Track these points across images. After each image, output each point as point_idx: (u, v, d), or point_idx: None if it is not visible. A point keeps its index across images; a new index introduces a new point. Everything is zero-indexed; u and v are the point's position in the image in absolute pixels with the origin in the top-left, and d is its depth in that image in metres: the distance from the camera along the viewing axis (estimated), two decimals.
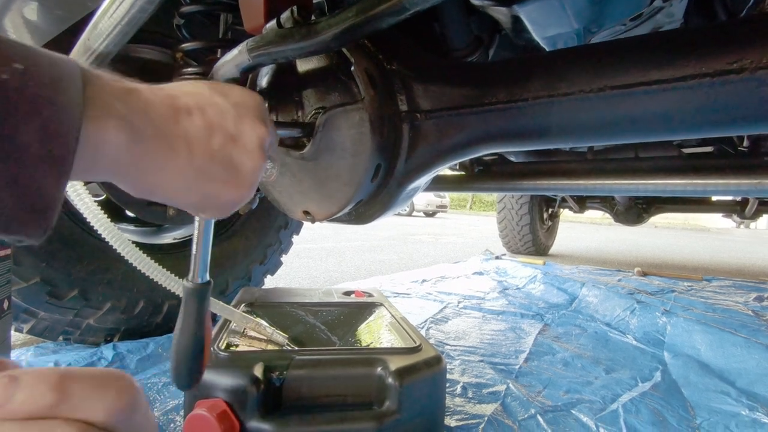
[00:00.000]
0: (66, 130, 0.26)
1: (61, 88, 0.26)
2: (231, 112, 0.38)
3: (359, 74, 0.56)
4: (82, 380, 0.21)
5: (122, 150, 0.31)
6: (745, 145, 1.22)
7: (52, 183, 0.26)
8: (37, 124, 0.25)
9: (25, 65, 0.25)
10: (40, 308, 1.03)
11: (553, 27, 0.69)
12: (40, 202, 0.26)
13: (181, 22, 0.81)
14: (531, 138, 0.57)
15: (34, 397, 0.19)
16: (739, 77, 0.38)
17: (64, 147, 0.26)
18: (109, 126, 0.30)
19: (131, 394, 0.22)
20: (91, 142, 0.29)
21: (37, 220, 0.26)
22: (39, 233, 0.27)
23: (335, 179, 0.63)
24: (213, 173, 0.37)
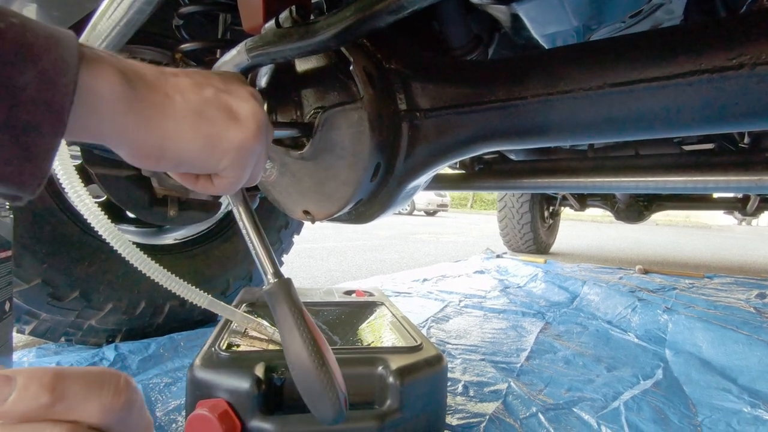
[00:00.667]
0: (63, 75, 0.27)
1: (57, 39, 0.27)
2: (217, 77, 0.40)
3: (358, 73, 0.56)
4: (76, 380, 0.20)
5: (119, 97, 0.31)
6: (746, 141, 1.22)
7: (49, 128, 0.26)
8: (34, 70, 0.25)
9: (22, 20, 0.26)
10: (41, 309, 1.03)
11: (552, 25, 0.69)
12: (36, 147, 0.26)
13: (179, 22, 0.81)
14: (531, 136, 0.57)
15: (27, 398, 0.19)
16: (738, 73, 0.38)
17: (61, 91, 0.27)
18: (104, 73, 0.30)
19: (127, 392, 0.22)
20: (88, 90, 0.29)
21: (32, 167, 0.26)
22: (33, 183, 0.27)
23: (335, 179, 0.63)
24: (211, 115, 0.36)
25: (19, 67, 0.25)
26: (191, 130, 0.35)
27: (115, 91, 0.30)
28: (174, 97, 0.34)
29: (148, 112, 0.33)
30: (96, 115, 0.30)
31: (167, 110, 0.34)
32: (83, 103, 0.29)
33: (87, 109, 0.29)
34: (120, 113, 0.31)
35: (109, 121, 0.31)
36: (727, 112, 0.41)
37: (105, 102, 0.30)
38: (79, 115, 0.29)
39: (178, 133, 0.34)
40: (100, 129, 0.31)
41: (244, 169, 0.39)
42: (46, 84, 0.26)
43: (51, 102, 0.26)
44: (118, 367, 1.02)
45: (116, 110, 0.31)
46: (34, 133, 0.26)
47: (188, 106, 0.35)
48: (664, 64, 0.43)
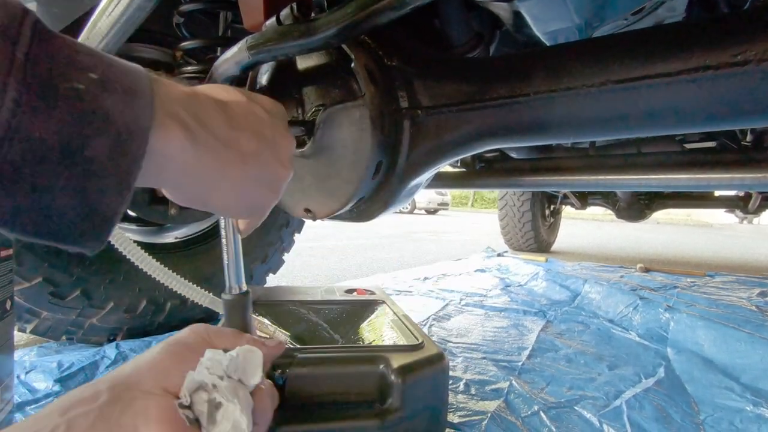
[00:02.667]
0: (135, 144, 0.26)
1: (133, 98, 0.26)
2: (267, 120, 0.39)
3: (359, 71, 0.56)
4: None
5: (183, 160, 0.31)
6: (749, 139, 1.22)
7: (115, 196, 0.26)
8: (108, 137, 0.25)
9: (100, 75, 0.25)
10: (42, 308, 1.03)
11: (554, 22, 0.69)
12: (102, 215, 0.26)
13: (180, 20, 0.81)
14: (533, 133, 0.57)
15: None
16: (743, 69, 0.38)
17: (132, 161, 0.26)
18: (174, 135, 0.30)
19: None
20: (156, 154, 0.29)
21: (96, 232, 0.27)
22: (96, 245, 0.28)
23: (336, 177, 0.62)
24: (261, 181, 0.38)
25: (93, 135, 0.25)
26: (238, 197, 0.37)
27: (181, 155, 0.31)
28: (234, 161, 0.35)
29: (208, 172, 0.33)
30: (159, 174, 0.30)
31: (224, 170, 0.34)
32: (149, 163, 0.28)
33: (152, 169, 0.29)
34: (181, 174, 0.32)
35: (170, 180, 0.32)
36: (732, 109, 0.41)
37: (170, 163, 0.30)
38: (143, 175, 0.28)
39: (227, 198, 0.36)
40: (160, 182, 0.32)
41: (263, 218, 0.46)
42: (117, 152, 0.26)
43: (119, 170, 0.26)
44: (120, 365, 1.02)
45: (178, 171, 0.31)
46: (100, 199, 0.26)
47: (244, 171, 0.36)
48: (668, 60, 0.42)
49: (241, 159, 0.35)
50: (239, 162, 0.35)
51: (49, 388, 0.88)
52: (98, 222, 0.26)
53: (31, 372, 0.93)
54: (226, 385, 0.36)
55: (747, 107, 0.40)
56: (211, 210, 0.37)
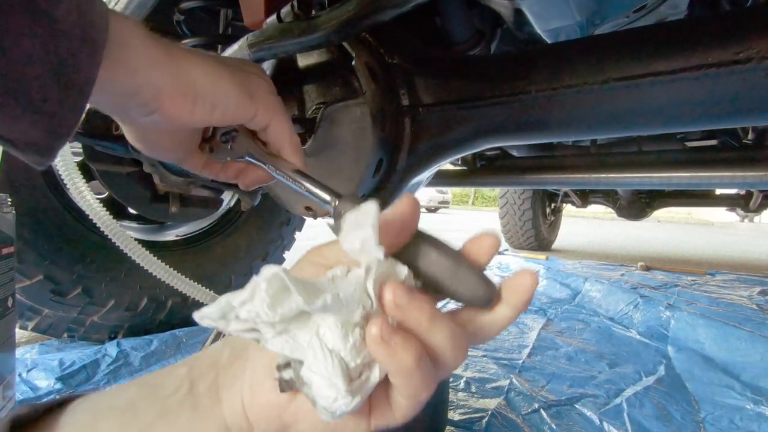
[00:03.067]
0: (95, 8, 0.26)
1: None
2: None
3: (360, 68, 0.56)
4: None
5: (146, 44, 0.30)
6: (750, 137, 1.22)
7: (87, 61, 0.26)
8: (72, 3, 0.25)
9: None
10: (44, 306, 1.03)
11: (555, 19, 0.68)
12: (76, 78, 0.26)
13: (180, 17, 0.81)
14: (534, 131, 0.57)
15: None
16: (746, 67, 0.38)
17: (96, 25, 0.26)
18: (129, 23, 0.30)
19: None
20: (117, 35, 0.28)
21: (72, 100, 0.26)
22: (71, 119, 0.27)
23: (337, 174, 0.62)
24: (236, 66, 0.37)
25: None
26: (221, 73, 0.35)
27: (142, 39, 0.30)
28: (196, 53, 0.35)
29: (177, 58, 0.32)
30: (126, 58, 0.29)
31: (195, 58, 0.34)
32: (113, 47, 0.28)
33: (116, 51, 0.29)
34: (149, 56, 0.31)
35: (140, 64, 0.30)
36: (734, 106, 0.41)
37: (133, 46, 0.30)
38: (110, 62, 0.28)
39: (211, 75, 0.34)
40: (130, 74, 0.30)
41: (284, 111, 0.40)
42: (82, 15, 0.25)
43: (87, 34, 0.26)
44: (121, 363, 1.02)
45: (145, 53, 0.30)
46: (72, 66, 0.25)
47: (213, 58, 0.35)
48: (670, 58, 0.42)
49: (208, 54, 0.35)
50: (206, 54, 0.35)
51: (51, 385, 0.89)
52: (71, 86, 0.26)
53: (32, 370, 0.93)
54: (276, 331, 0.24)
55: (749, 105, 0.40)
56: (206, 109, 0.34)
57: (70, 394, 0.30)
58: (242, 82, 0.36)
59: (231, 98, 0.35)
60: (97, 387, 0.91)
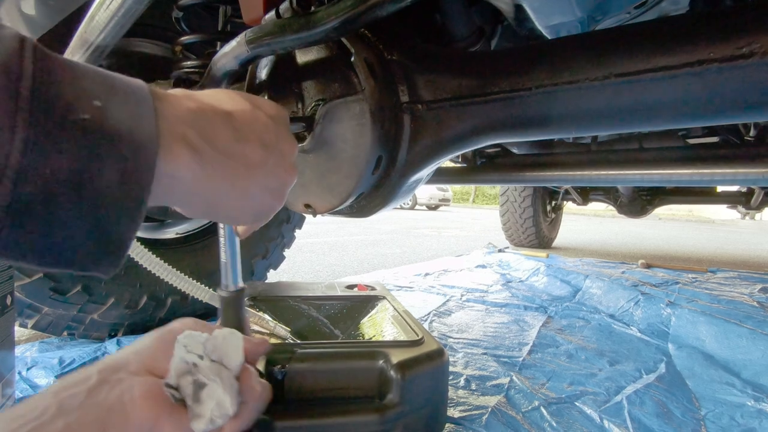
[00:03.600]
0: (142, 170, 0.26)
1: (137, 122, 0.26)
2: (272, 127, 0.39)
3: (359, 65, 0.55)
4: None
5: (193, 180, 0.31)
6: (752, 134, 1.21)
7: (127, 223, 0.27)
8: (116, 166, 0.25)
9: (104, 101, 0.25)
10: (43, 304, 1.03)
11: (556, 15, 0.68)
12: (115, 242, 0.27)
13: (179, 14, 0.80)
14: (535, 128, 0.56)
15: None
16: (748, 62, 0.37)
17: (140, 188, 0.26)
18: (182, 159, 0.30)
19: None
20: (165, 177, 0.29)
21: (111, 259, 0.27)
22: (111, 269, 0.28)
23: (336, 172, 0.62)
24: (266, 189, 0.38)
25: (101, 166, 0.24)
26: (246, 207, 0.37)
27: (189, 175, 0.31)
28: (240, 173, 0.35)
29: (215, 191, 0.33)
30: (168, 195, 0.30)
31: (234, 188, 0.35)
32: (158, 186, 0.28)
33: (161, 191, 0.29)
34: (190, 192, 0.32)
35: (179, 198, 0.32)
36: (737, 102, 0.40)
37: (178, 183, 0.30)
38: (152, 197, 0.28)
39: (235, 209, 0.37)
40: (166, 202, 0.32)
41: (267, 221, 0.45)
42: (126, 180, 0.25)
43: (130, 197, 0.26)
44: None
45: (186, 190, 0.31)
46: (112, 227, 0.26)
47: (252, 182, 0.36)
48: (671, 53, 0.42)
49: (248, 170, 0.35)
50: (246, 173, 0.35)
51: (51, 383, 0.89)
52: (112, 249, 0.27)
53: (32, 368, 0.93)
54: (207, 365, 0.38)
55: (751, 100, 0.39)
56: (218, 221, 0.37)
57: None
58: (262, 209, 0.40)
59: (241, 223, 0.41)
60: None
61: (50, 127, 0.23)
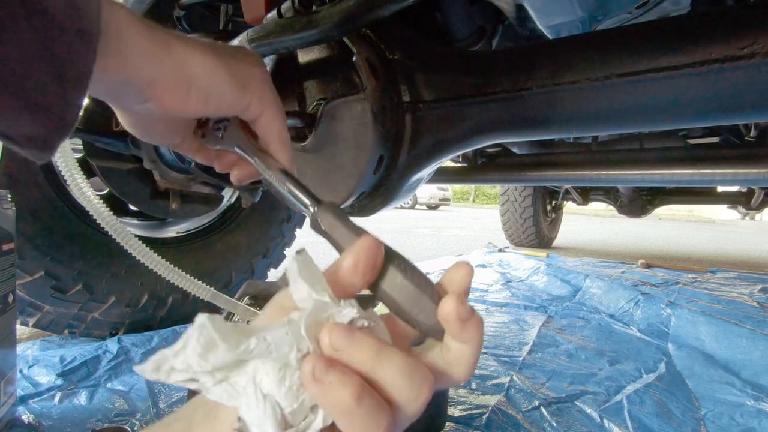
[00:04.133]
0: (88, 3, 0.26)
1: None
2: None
3: (361, 64, 0.56)
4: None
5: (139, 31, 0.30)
6: (753, 134, 1.21)
7: (81, 55, 0.26)
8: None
9: None
10: (45, 302, 1.03)
11: (557, 15, 0.68)
12: (73, 71, 0.26)
13: (180, 13, 0.80)
14: (536, 127, 0.56)
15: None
16: (750, 63, 0.37)
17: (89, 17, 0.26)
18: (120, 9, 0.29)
19: None
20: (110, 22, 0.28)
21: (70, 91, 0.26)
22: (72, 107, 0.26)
23: (337, 171, 0.62)
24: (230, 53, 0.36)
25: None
26: (216, 63, 0.34)
27: (137, 28, 0.30)
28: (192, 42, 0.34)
29: (173, 48, 0.32)
30: (120, 49, 0.29)
31: (191, 47, 0.33)
32: (108, 37, 0.28)
33: (110, 42, 0.28)
34: (143, 46, 0.30)
35: (134, 54, 0.30)
36: (738, 102, 0.40)
37: (127, 36, 0.29)
38: (104, 50, 0.28)
39: (204, 65, 0.34)
40: (125, 65, 0.30)
41: (277, 104, 0.39)
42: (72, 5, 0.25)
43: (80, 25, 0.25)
44: (121, 359, 1.02)
45: (139, 44, 0.30)
46: (68, 60, 0.25)
47: (210, 48, 0.35)
48: (673, 53, 0.42)
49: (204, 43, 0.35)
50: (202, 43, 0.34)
51: (52, 381, 0.89)
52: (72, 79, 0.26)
53: (33, 366, 0.93)
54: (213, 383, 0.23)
55: (753, 101, 0.39)
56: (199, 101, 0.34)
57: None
58: (237, 72, 0.36)
59: (225, 89, 0.35)
60: (98, 383, 0.92)
61: None
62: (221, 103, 0.36)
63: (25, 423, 0.76)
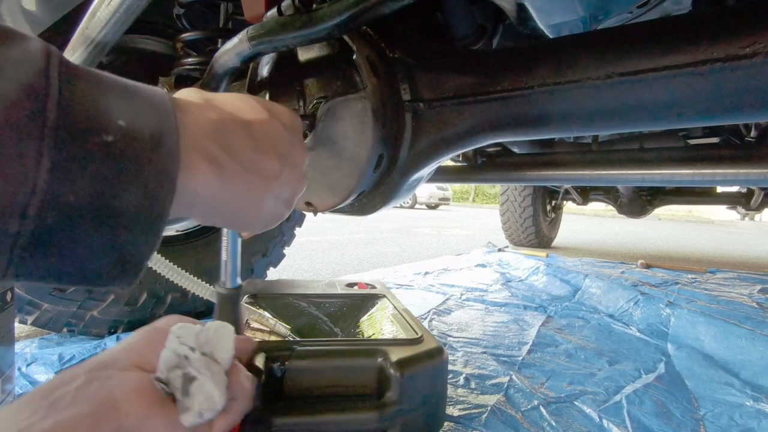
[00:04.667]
0: (164, 189, 0.26)
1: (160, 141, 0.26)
2: (287, 137, 0.39)
3: (361, 62, 0.55)
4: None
5: (212, 194, 0.31)
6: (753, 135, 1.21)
7: (146, 243, 0.26)
8: (138, 187, 0.24)
9: (128, 121, 0.24)
10: (43, 300, 1.03)
11: (558, 14, 0.68)
12: (133, 262, 0.26)
13: (180, 11, 0.80)
14: (536, 127, 0.56)
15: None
16: (752, 62, 0.37)
17: (161, 207, 0.26)
18: (203, 174, 0.29)
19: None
20: (185, 193, 0.28)
21: (128, 276, 0.27)
22: (127, 286, 0.28)
23: (337, 170, 0.62)
24: (280, 200, 0.39)
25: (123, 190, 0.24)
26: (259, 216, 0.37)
27: (209, 190, 0.30)
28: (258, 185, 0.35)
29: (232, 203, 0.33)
30: (187, 210, 0.30)
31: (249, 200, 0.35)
32: (177, 203, 0.28)
33: (180, 207, 0.29)
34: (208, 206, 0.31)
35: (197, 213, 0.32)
36: (740, 101, 0.40)
37: (198, 199, 0.30)
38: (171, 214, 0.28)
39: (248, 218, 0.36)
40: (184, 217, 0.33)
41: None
42: (147, 201, 0.25)
43: (149, 218, 0.25)
44: None
45: (205, 204, 0.31)
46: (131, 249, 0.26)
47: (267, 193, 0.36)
48: (674, 53, 0.42)
49: (264, 182, 0.36)
50: (262, 185, 0.35)
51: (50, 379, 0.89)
52: (130, 267, 0.27)
53: (32, 364, 0.93)
54: (197, 357, 0.37)
55: (754, 100, 0.39)
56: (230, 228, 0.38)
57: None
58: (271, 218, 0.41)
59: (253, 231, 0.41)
60: None
61: (75, 151, 0.22)
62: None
63: None
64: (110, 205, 0.24)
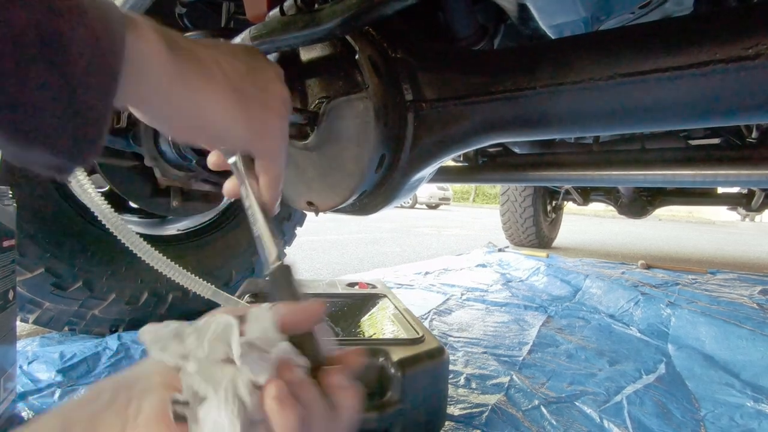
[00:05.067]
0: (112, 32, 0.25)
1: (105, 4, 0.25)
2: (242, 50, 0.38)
3: (363, 62, 0.55)
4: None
5: (164, 61, 0.29)
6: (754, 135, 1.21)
7: (102, 90, 0.25)
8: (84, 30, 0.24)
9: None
10: (45, 299, 1.03)
11: (560, 15, 0.68)
12: (90, 110, 0.25)
13: (182, 11, 0.80)
14: (538, 127, 0.56)
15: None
16: (754, 63, 0.37)
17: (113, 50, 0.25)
18: (148, 34, 0.28)
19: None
20: (135, 51, 0.27)
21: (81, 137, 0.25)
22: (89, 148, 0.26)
23: (339, 169, 0.62)
24: (249, 94, 0.36)
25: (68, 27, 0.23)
26: (233, 108, 0.34)
27: (160, 54, 0.29)
28: (212, 67, 0.33)
29: (191, 80, 0.32)
30: (143, 79, 0.29)
31: (209, 81, 0.33)
32: (130, 65, 0.27)
33: (134, 72, 0.28)
34: (165, 78, 0.30)
35: (155, 85, 0.30)
36: (743, 103, 0.40)
37: (151, 65, 0.29)
38: (126, 80, 0.27)
39: (221, 108, 0.34)
40: (144, 95, 0.29)
41: (282, 153, 0.40)
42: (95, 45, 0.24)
43: (102, 62, 0.25)
44: (121, 356, 1.02)
45: (161, 74, 0.30)
46: (88, 95, 0.25)
47: (227, 80, 0.34)
48: (677, 54, 0.42)
49: (219, 68, 0.34)
50: (218, 71, 0.34)
51: (52, 378, 0.89)
52: (85, 121, 0.25)
53: (33, 362, 0.93)
54: (196, 368, 0.27)
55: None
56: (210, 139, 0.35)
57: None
58: (254, 118, 0.36)
59: (237, 134, 0.36)
60: (97, 380, 0.92)
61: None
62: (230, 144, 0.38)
63: (25, 419, 0.76)
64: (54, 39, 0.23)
